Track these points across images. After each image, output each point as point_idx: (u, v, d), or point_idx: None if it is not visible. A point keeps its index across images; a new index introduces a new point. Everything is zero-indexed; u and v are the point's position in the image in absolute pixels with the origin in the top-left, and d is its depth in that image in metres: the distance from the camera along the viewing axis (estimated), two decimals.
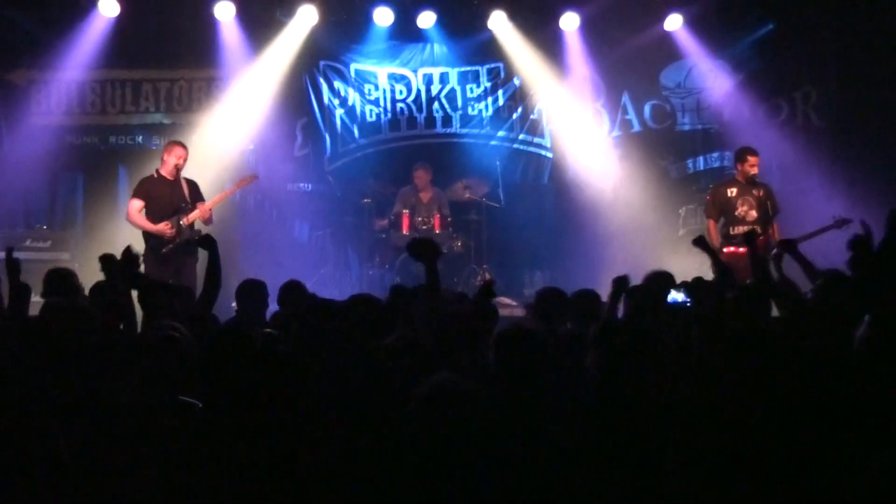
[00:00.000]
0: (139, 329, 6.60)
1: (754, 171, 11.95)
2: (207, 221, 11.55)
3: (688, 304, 6.51)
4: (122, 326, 6.65)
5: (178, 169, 11.47)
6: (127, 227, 11.72)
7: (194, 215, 11.39)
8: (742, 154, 12.11)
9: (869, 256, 6.71)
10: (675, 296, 6.76)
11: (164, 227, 11.28)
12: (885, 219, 7.22)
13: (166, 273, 11.20)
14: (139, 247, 11.28)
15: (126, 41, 13.81)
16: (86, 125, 14.21)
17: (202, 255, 11.82)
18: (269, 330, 5.88)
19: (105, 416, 4.89)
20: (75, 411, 4.92)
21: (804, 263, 7.52)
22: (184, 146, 11.67)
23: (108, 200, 13.61)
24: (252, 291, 8.18)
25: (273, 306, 7.99)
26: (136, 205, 11.42)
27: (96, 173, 14.01)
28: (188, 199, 11.49)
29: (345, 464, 4.50)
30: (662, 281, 7.21)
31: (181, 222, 11.36)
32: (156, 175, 11.54)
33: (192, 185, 11.68)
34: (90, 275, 12.03)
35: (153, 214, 11.36)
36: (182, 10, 13.79)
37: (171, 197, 11.43)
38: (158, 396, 5.02)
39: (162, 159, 11.58)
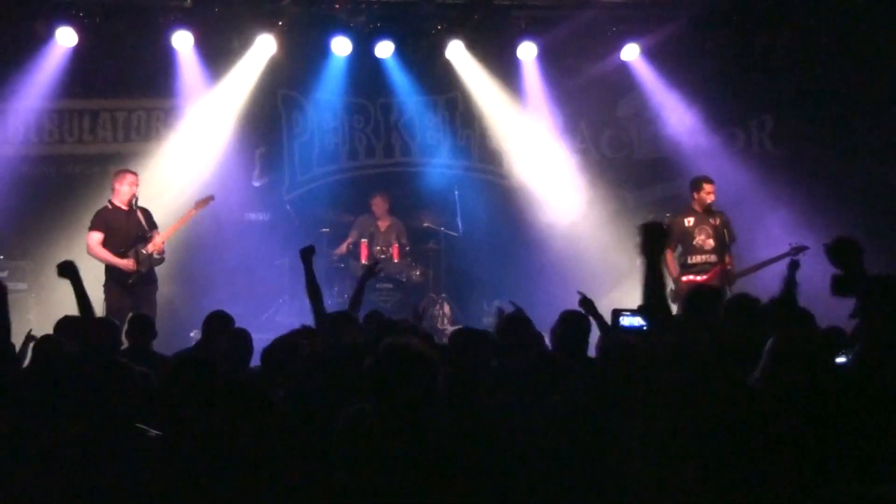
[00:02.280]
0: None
1: (710, 198, 12.00)
2: (160, 253, 11.56)
3: (644, 328, 6.55)
4: None
5: (133, 197, 11.46)
6: (84, 257, 11.65)
7: (152, 245, 11.39)
8: (698, 183, 12.15)
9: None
10: (632, 321, 6.79)
11: (128, 263, 11.28)
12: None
13: (129, 303, 11.18)
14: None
15: (84, 71, 13.77)
16: (43, 155, 14.11)
17: (164, 280, 12.02)
18: None
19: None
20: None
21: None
22: (134, 173, 11.70)
23: (66, 230, 13.48)
24: (219, 323, 8.12)
25: None
26: (96, 237, 11.38)
27: (53, 203, 13.87)
28: (146, 227, 11.49)
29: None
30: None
31: (143, 251, 11.36)
32: (110, 206, 11.55)
33: (147, 214, 11.71)
34: (47, 305, 12.12)
35: (113, 245, 11.35)
36: (140, 39, 13.74)
37: (130, 227, 11.42)
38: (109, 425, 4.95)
39: (113, 188, 11.58)
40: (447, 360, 5.64)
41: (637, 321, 6.74)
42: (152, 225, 11.64)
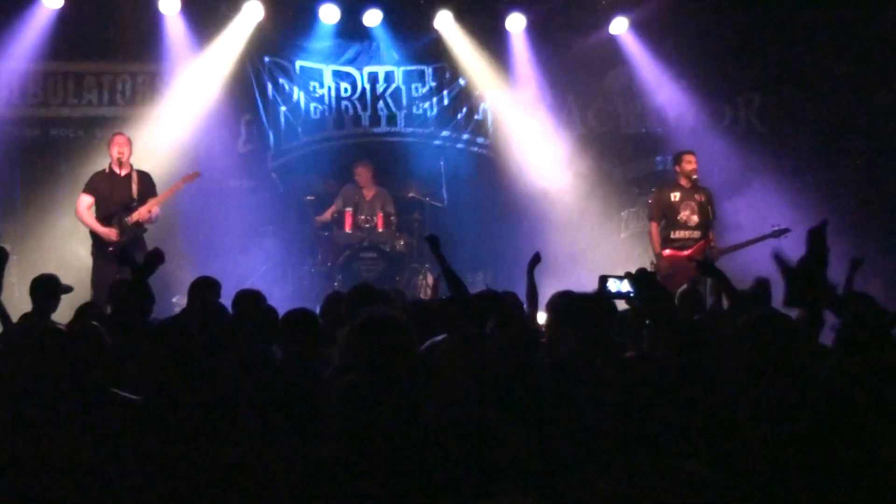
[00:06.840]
0: None
1: (692, 167, 12.01)
2: (149, 220, 11.48)
3: (631, 295, 6.55)
4: None
5: (120, 161, 11.42)
6: (68, 220, 11.65)
7: (136, 215, 11.32)
8: (678, 156, 12.24)
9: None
10: (619, 286, 6.78)
11: (108, 232, 11.26)
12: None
13: (111, 269, 11.16)
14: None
15: (70, 33, 13.66)
16: (27, 117, 14.01)
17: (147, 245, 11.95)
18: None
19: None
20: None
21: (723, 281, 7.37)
22: (123, 135, 11.68)
23: (48, 193, 13.46)
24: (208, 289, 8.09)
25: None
26: (85, 201, 11.42)
27: (37, 166, 13.84)
28: (136, 195, 11.43)
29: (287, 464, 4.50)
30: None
31: (126, 220, 11.29)
32: (107, 170, 11.57)
33: (144, 179, 11.67)
34: (29, 267, 12.08)
35: (100, 211, 11.42)
36: (127, 3, 13.68)
37: (116, 193, 11.37)
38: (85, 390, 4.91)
39: (109, 154, 11.55)
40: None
41: (625, 287, 6.71)
42: (149, 191, 11.56)
